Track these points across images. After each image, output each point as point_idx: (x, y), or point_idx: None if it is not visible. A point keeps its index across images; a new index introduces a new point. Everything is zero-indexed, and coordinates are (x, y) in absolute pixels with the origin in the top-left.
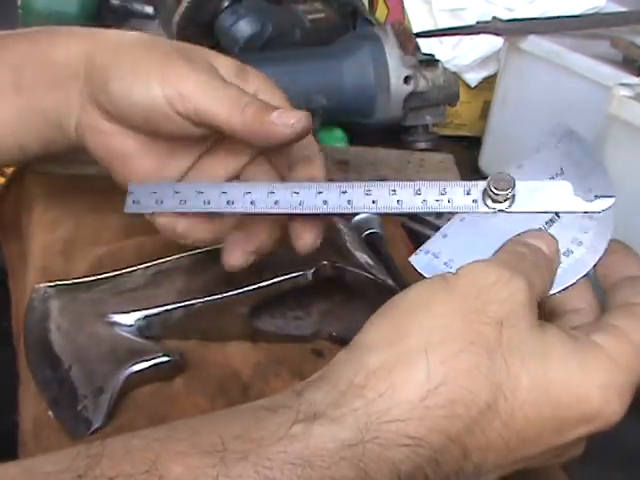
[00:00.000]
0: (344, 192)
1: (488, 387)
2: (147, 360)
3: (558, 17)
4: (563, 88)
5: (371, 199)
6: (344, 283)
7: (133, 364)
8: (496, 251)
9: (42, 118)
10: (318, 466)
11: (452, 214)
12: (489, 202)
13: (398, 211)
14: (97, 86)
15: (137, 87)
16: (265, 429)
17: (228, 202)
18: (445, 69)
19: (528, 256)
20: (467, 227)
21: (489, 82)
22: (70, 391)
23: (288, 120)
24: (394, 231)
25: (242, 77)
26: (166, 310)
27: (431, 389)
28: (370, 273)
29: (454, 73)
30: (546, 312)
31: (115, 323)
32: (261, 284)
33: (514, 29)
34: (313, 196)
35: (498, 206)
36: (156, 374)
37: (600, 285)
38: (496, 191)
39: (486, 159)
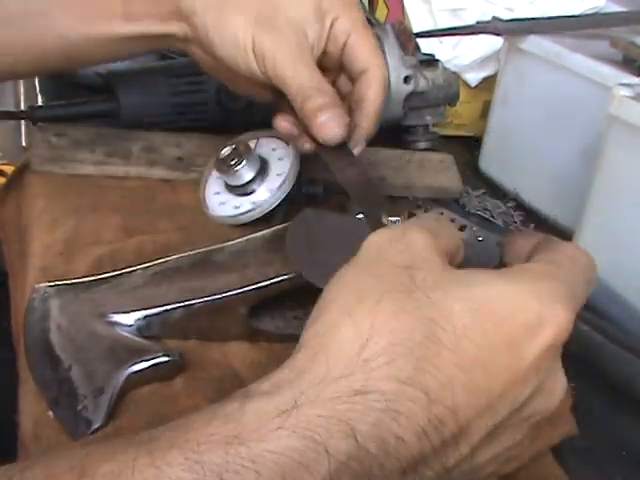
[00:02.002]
0: None
1: (419, 322)
2: (147, 360)
3: (558, 17)
4: (563, 88)
5: None
6: None
7: (133, 364)
8: None
9: (147, 41)
10: (252, 440)
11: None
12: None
13: None
14: (194, 33)
15: (229, 45)
16: (197, 415)
17: None
18: (445, 69)
19: (425, 217)
20: None
21: (489, 82)
22: (70, 391)
23: (324, 132)
24: None
25: (330, 36)
26: (166, 310)
27: (363, 342)
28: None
29: (454, 73)
30: None
31: (115, 323)
32: (261, 284)
33: (514, 29)
34: None
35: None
36: (156, 374)
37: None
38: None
39: (486, 159)
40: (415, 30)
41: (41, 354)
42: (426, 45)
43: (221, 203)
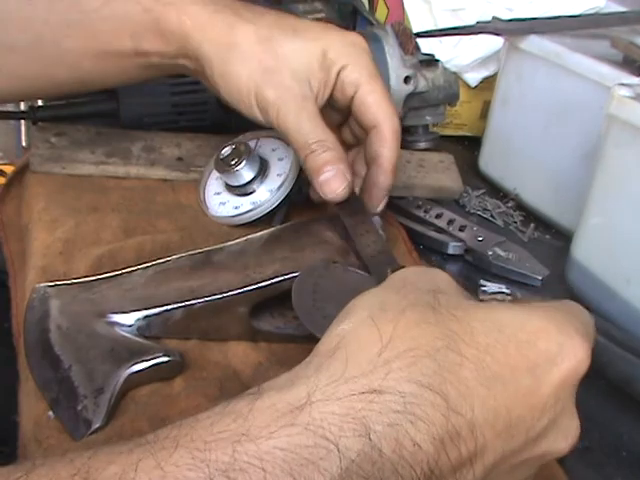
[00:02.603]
0: None
1: (442, 334)
2: (147, 360)
3: (558, 17)
4: (563, 88)
5: None
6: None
7: (133, 364)
8: None
9: (159, 70)
10: (261, 437)
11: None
12: None
13: None
14: (202, 70)
15: (233, 93)
16: (205, 413)
17: None
18: (445, 69)
19: None
20: None
21: (489, 82)
22: (70, 391)
23: (326, 191)
24: (394, 231)
25: (327, 66)
26: (166, 310)
27: (385, 344)
28: (370, 272)
29: (454, 73)
30: None
31: (115, 323)
32: (261, 284)
33: (514, 29)
34: None
35: None
36: (156, 374)
37: None
38: None
39: (486, 159)
40: (415, 30)
41: (41, 354)
42: (426, 45)
43: (221, 203)
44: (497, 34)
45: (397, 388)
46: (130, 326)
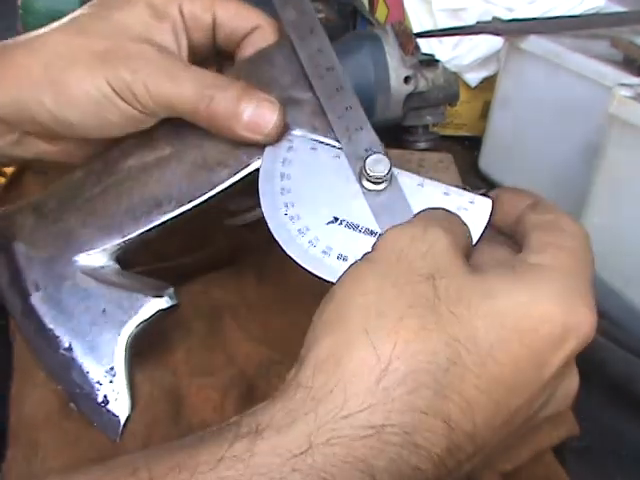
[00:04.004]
0: None
1: (444, 343)
2: (143, 314)
3: (558, 17)
4: (563, 88)
5: None
6: None
7: (131, 325)
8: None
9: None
10: None
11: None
12: (365, 182)
13: None
14: (25, 121)
15: (86, 105)
16: (203, 453)
17: None
18: (445, 69)
19: (437, 213)
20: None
21: (489, 82)
22: (82, 378)
23: (259, 129)
24: None
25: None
26: (142, 233)
27: (384, 368)
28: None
29: (454, 73)
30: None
31: (92, 268)
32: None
33: (514, 29)
34: None
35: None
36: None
37: (505, 227)
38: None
39: (486, 159)
40: (415, 30)
41: (34, 331)
42: (426, 45)
43: None
44: (497, 34)
45: (398, 419)
46: (107, 266)
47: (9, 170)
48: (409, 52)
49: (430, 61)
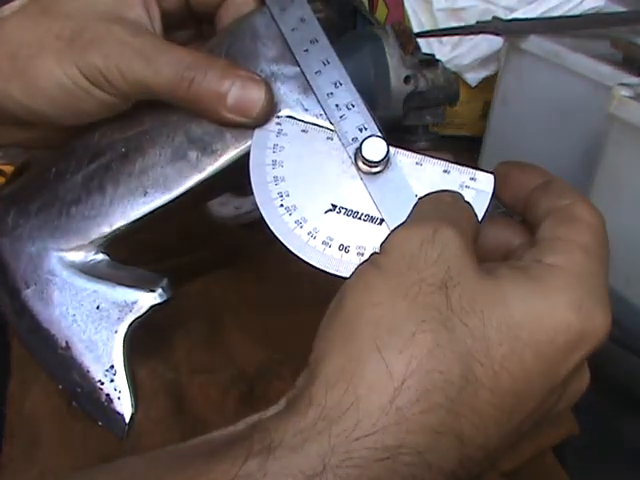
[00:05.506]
0: None
1: (457, 359)
2: (137, 311)
3: (558, 17)
4: (563, 88)
5: None
6: None
7: (125, 321)
8: (408, 215)
9: None
10: None
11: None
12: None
13: None
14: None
15: (57, 93)
16: (215, 470)
17: None
18: (445, 69)
19: (442, 203)
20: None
21: (489, 82)
22: (84, 380)
23: (247, 110)
24: None
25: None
26: (129, 223)
27: (398, 387)
28: None
29: (454, 73)
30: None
31: (83, 264)
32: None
33: (514, 29)
34: None
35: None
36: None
37: (514, 210)
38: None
39: (486, 159)
40: (415, 30)
41: (29, 330)
42: (426, 45)
43: (222, 203)
44: (497, 34)
45: (411, 440)
46: (97, 259)
47: (9, 170)
48: (409, 52)
49: (430, 61)
